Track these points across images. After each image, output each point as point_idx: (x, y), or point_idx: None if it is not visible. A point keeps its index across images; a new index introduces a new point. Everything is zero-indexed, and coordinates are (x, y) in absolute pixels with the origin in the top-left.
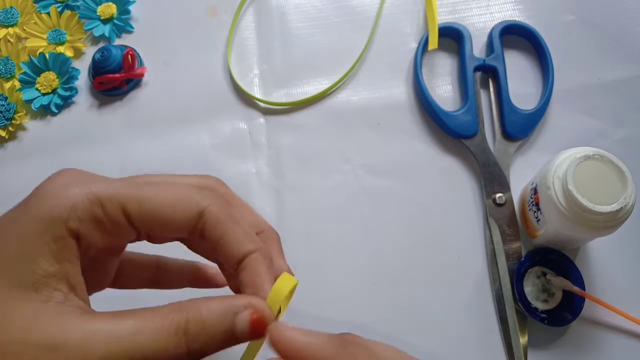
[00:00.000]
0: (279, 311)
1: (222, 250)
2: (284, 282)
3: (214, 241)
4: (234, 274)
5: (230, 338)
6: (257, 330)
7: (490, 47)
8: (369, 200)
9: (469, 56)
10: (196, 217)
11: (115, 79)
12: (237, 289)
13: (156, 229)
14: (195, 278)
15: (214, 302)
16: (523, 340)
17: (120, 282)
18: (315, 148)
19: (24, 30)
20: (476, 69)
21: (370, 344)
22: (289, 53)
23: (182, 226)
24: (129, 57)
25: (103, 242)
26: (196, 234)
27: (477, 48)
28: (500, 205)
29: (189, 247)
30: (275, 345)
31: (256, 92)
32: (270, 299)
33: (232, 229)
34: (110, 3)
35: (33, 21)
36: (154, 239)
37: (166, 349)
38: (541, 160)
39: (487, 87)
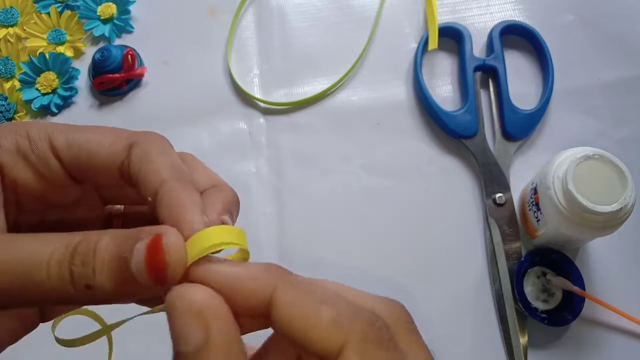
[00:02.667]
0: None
1: (141, 185)
2: (220, 231)
3: (133, 177)
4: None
5: (125, 273)
6: (155, 262)
7: (490, 47)
8: (369, 200)
9: (469, 56)
10: (125, 151)
11: (115, 79)
12: None
13: (84, 166)
14: None
15: (122, 230)
16: (523, 340)
17: None
18: (315, 148)
19: (24, 30)
20: (476, 69)
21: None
22: (289, 53)
23: (109, 160)
24: (129, 57)
25: (35, 185)
26: (125, 174)
27: (477, 48)
28: (500, 205)
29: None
30: (203, 282)
31: (256, 92)
32: (193, 241)
33: (155, 160)
34: (110, 3)
35: (33, 21)
36: (102, 196)
37: (46, 265)
38: (541, 160)
39: (487, 87)
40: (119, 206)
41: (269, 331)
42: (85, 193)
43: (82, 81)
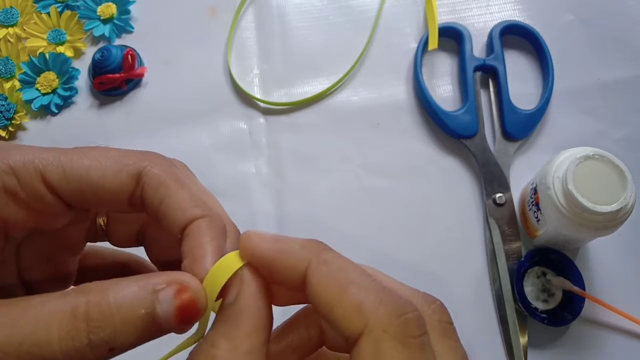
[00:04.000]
0: (222, 299)
1: (164, 219)
2: (230, 260)
3: (154, 208)
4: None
5: (150, 326)
6: (186, 314)
7: (490, 47)
8: (369, 200)
9: (469, 56)
10: (133, 180)
11: (115, 79)
12: None
13: (88, 199)
14: None
15: (127, 280)
16: (523, 340)
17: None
18: (315, 148)
19: (24, 30)
20: (476, 69)
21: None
22: (289, 53)
23: (116, 192)
24: (129, 57)
25: (27, 220)
26: (137, 203)
27: (477, 48)
28: (500, 205)
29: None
30: (247, 255)
31: (256, 92)
32: (209, 279)
33: (175, 192)
34: (110, 3)
35: (33, 21)
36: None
37: (57, 340)
38: (541, 160)
39: (487, 87)
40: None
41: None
42: (77, 213)
43: (82, 81)
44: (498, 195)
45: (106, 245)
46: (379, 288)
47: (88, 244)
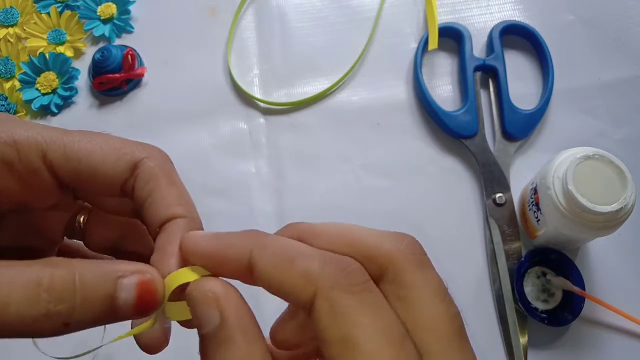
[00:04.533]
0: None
1: (148, 212)
2: (186, 272)
3: (142, 200)
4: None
5: (108, 309)
6: (144, 305)
7: (490, 47)
8: (369, 200)
9: (469, 56)
10: (129, 169)
11: (115, 79)
12: None
13: (83, 180)
14: None
15: (94, 262)
16: (523, 340)
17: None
18: (315, 148)
19: (24, 30)
20: (476, 69)
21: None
22: (289, 53)
23: (112, 178)
24: (129, 57)
25: (17, 193)
26: (128, 191)
27: (477, 48)
28: (500, 205)
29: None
30: (189, 256)
31: (256, 92)
32: (171, 278)
33: (165, 187)
34: (110, 3)
35: (33, 21)
36: (84, 199)
37: (14, 303)
38: (541, 160)
39: (487, 87)
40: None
41: None
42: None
43: (82, 81)
44: (498, 195)
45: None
46: (320, 253)
47: (73, 242)
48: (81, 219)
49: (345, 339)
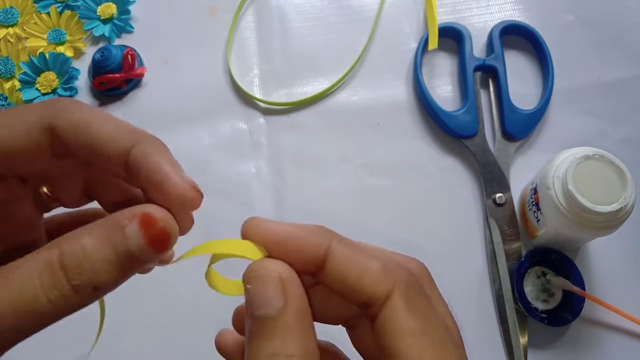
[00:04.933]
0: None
1: (99, 159)
2: (247, 245)
3: (85, 150)
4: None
5: (127, 260)
6: (157, 243)
7: (490, 47)
8: (369, 200)
9: (469, 56)
10: (45, 134)
11: (115, 79)
12: None
13: (87, 151)
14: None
15: (95, 225)
16: (523, 340)
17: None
18: (315, 148)
19: (24, 30)
20: (476, 69)
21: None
22: (289, 53)
23: (29, 151)
24: (129, 57)
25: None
26: (62, 153)
27: (477, 48)
28: (500, 205)
29: None
30: (256, 239)
31: (256, 92)
32: (225, 244)
33: (98, 126)
34: (110, 3)
35: (33, 21)
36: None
37: (42, 293)
38: (541, 160)
39: (487, 87)
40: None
41: None
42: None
43: (82, 81)
44: (498, 195)
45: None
46: (390, 257)
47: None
48: (45, 190)
49: (422, 331)
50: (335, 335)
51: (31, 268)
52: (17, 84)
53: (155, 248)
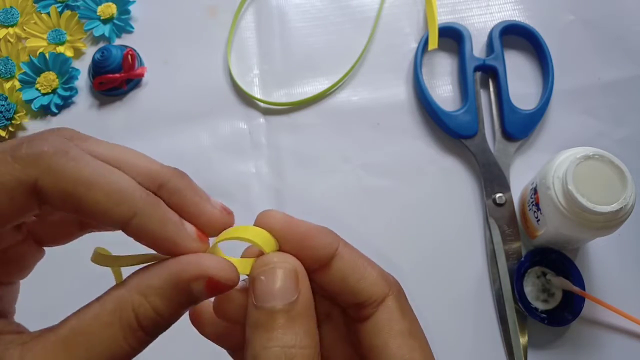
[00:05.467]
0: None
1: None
2: (263, 235)
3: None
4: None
5: (191, 305)
6: (216, 291)
7: (490, 47)
8: (369, 200)
9: (469, 56)
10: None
11: (115, 79)
12: None
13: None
14: None
15: (158, 281)
16: (523, 340)
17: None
18: (315, 148)
19: (24, 30)
20: (476, 69)
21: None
22: (289, 53)
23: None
24: (129, 57)
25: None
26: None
27: (477, 48)
28: (500, 205)
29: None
30: (274, 230)
31: (256, 92)
32: (239, 232)
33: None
34: (110, 3)
35: (33, 21)
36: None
37: (129, 348)
38: (541, 160)
39: (487, 87)
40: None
41: None
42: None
43: (82, 81)
44: (498, 195)
45: None
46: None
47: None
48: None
49: (410, 332)
50: None
51: (114, 332)
52: (17, 84)
53: (214, 295)
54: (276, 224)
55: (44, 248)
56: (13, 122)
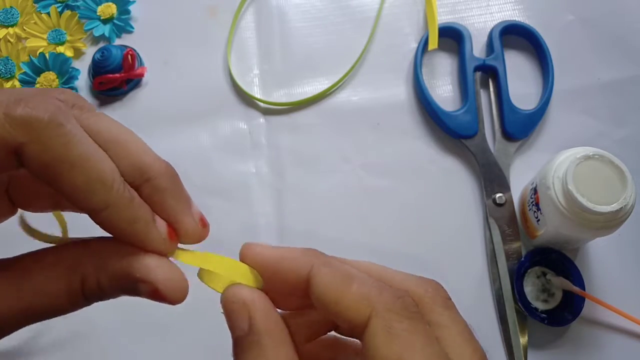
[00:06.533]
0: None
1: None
2: (239, 268)
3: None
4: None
5: (132, 295)
6: (160, 298)
7: (490, 47)
8: (369, 200)
9: (469, 56)
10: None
11: (115, 79)
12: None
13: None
14: None
15: (113, 264)
16: (523, 340)
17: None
18: (315, 148)
19: (24, 30)
20: (476, 69)
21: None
22: (289, 53)
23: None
24: (129, 57)
25: None
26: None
27: (477, 48)
28: (500, 205)
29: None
30: (248, 262)
31: (256, 92)
32: (214, 262)
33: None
34: (110, 3)
35: (33, 21)
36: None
37: (66, 305)
38: (541, 160)
39: (487, 87)
40: None
41: None
42: None
43: (82, 81)
44: (498, 195)
45: None
46: (375, 280)
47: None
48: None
49: (401, 357)
50: None
51: (59, 287)
52: (17, 84)
53: (158, 300)
54: (251, 255)
55: (17, 209)
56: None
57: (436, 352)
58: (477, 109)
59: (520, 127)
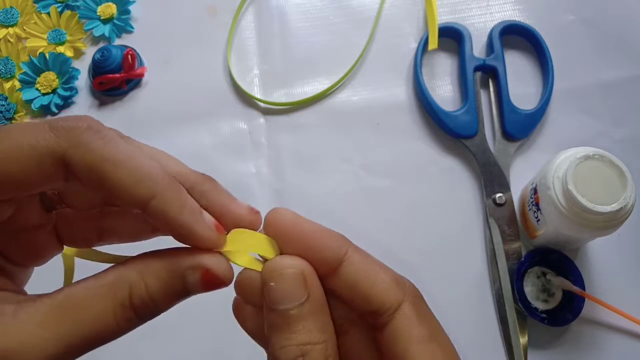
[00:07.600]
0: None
1: (119, 198)
2: (262, 241)
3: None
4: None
5: (183, 296)
6: (211, 286)
7: (490, 47)
8: (369, 201)
9: (469, 56)
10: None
11: (115, 79)
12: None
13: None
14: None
15: (157, 264)
16: (523, 340)
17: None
18: (315, 148)
19: (24, 30)
20: (476, 69)
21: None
22: (289, 53)
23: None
24: (129, 57)
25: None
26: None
27: (477, 48)
28: (500, 205)
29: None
30: (280, 229)
31: (256, 92)
32: (241, 237)
33: (115, 169)
34: (110, 3)
35: (33, 21)
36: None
37: (116, 326)
38: (541, 160)
39: (487, 87)
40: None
41: None
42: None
43: (82, 81)
44: (498, 195)
45: None
46: (394, 272)
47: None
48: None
49: (430, 337)
50: None
51: (106, 307)
52: (17, 84)
53: (207, 290)
54: (283, 223)
55: (64, 246)
56: (13, 122)
57: (446, 334)
58: (477, 109)
59: (520, 127)
